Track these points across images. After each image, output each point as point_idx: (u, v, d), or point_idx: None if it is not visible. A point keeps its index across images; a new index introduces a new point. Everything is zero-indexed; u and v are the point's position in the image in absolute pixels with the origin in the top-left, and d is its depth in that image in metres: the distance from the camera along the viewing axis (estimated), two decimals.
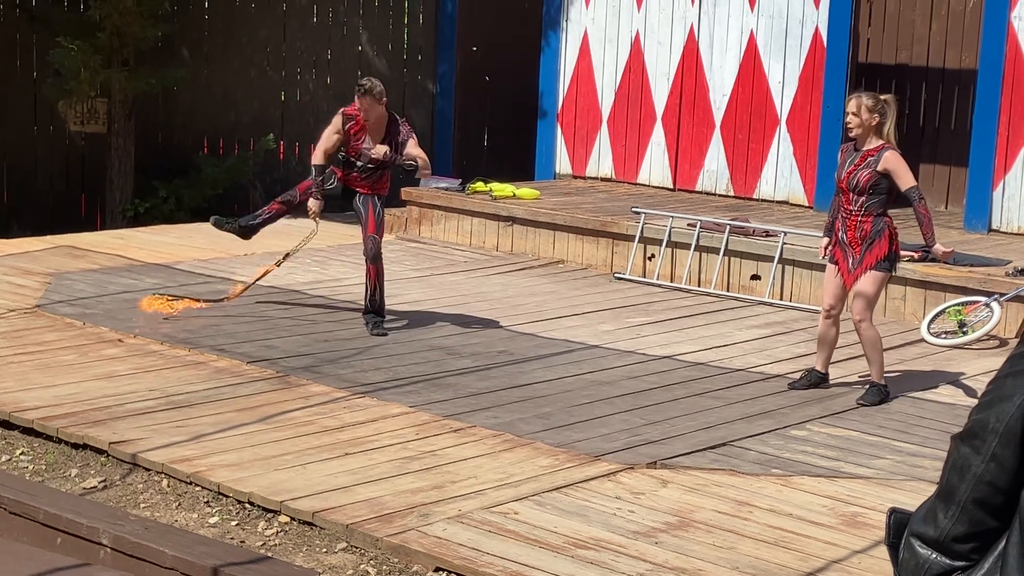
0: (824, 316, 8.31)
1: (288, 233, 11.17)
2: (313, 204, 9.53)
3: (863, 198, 7.98)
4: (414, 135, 9.63)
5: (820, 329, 8.42)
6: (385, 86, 16.94)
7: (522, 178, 14.75)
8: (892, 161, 7.95)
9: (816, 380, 8.48)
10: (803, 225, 11.86)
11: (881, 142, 8.00)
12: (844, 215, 8.08)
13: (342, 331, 9.55)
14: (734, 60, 13.62)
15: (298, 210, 9.77)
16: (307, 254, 11.38)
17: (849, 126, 8.06)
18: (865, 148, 8.02)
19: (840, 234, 8.11)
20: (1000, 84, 12.06)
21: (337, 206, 10.03)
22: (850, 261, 8.06)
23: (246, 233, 10.00)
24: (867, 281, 8.01)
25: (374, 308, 9.59)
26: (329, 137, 9.52)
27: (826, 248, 8.34)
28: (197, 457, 6.76)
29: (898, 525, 2.40)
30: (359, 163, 9.47)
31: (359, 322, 9.69)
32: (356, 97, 9.33)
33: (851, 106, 8.04)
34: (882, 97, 8.06)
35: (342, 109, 9.59)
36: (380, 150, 9.33)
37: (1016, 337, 9.79)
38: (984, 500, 2.26)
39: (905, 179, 7.96)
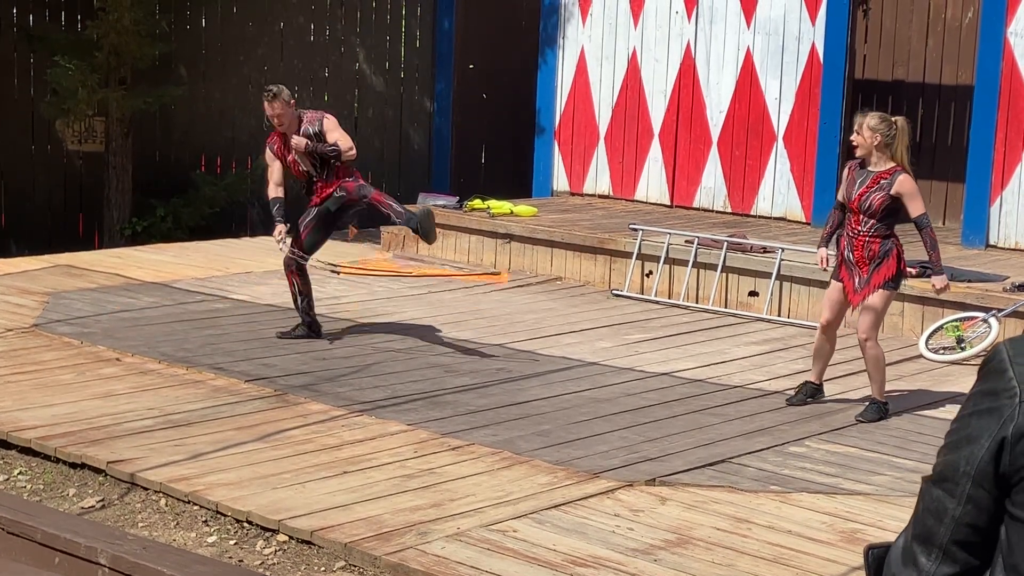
0: (820, 331, 8.31)
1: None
2: (280, 227, 9.42)
3: (873, 220, 7.96)
4: (328, 117, 9.57)
5: (816, 343, 8.41)
6: (383, 104, 17.02)
7: (520, 195, 14.76)
8: (906, 185, 7.92)
9: (811, 392, 8.48)
10: (800, 241, 11.87)
11: (893, 164, 7.97)
12: (851, 234, 8.04)
13: (340, 349, 9.54)
14: (731, 77, 13.64)
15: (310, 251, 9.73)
16: None
17: (854, 144, 8.07)
18: (877, 169, 7.98)
19: (846, 253, 8.08)
20: (996, 100, 12.08)
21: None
22: (856, 280, 8.04)
23: (315, 328, 9.82)
24: (874, 300, 7.99)
25: (404, 217, 9.48)
26: (272, 170, 9.60)
27: (825, 259, 8.35)
28: (195, 476, 6.75)
29: (877, 562, 2.39)
30: (304, 169, 9.46)
31: (357, 340, 9.69)
32: (265, 103, 9.39)
33: (856, 124, 8.06)
34: (893, 119, 8.04)
35: (267, 141, 9.68)
36: (298, 141, 9.33)
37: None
38: (965, 541, 2.25)
39: (916, 205, 7.94)
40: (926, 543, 2.28)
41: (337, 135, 9.43)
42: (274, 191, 9.54)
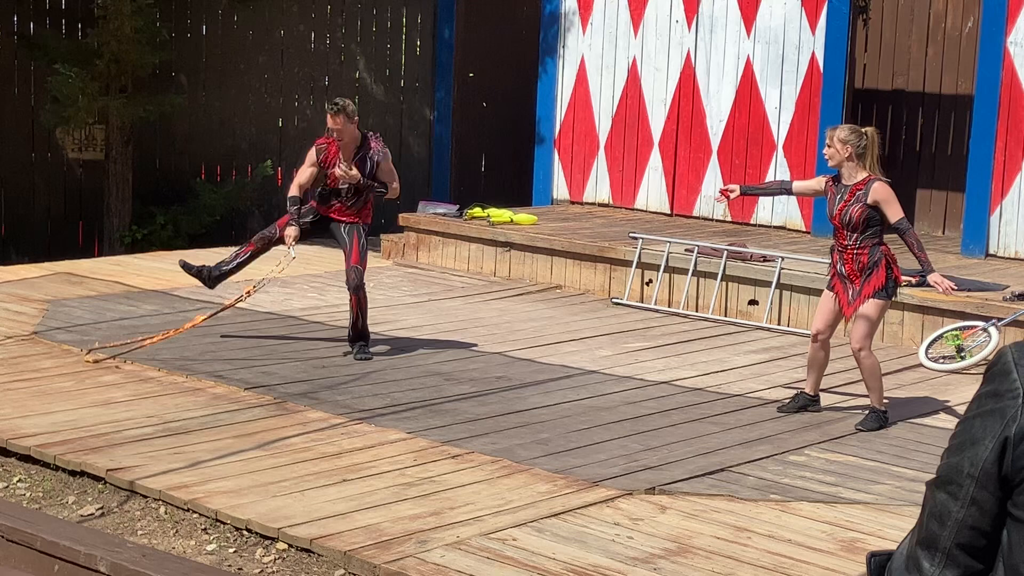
0: (812, 340, 8.32)
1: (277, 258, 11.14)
2: (291, 231, 9.44)
3: (857, 233, 7.97)
4: (388, 153, 9.57)
5: (810, 353, 8.42)
6: (383, 112, 17.00)
7: (520, 204, 14.77)
8: (881, 192, 7.95)
9: (805, 403, 8.48)
10: (800, 250, 11.87)
11: (867, 174, 8.01)
12: (840, 249, 8.08)
13: (339, 357, 9.54)
14: (731, 86, 13.65)
15: (280, 244, 9.70)
16: (305, 280, 11.37)
17: (826, 157, 8.10)
18: (852, 182, 8.02)
19: (839, 267, 8.10)
20: (996, 110, 12.09)
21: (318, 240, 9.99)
22: (850, 293, 8.05)
23: (212, 283, 9.90)
24: (867, 309, 7.99)
25: (358, 335, 9.58)
26: (304, 171, 9.54)
27: (726, 192, 8.50)
28: (195, 484, 6.75)
29: (879, 568, 2.39)
30: (342, 187, 9.43)
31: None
32: (329, 116, 9.30)
33: (827, 138, 8.09)
34: (863, 129, 8.08)
35: (316, 141, 9.60)
36: (354, 175, 9.30)
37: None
38: (968, 544, 2.25)
39: (893, 211, 7.95)
40: (929, 547, 2.28)
41: (389, 176, 9.48)
42: (296, 190, 9.50)
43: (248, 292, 9.78)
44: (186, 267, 9.93)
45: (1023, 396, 2.21)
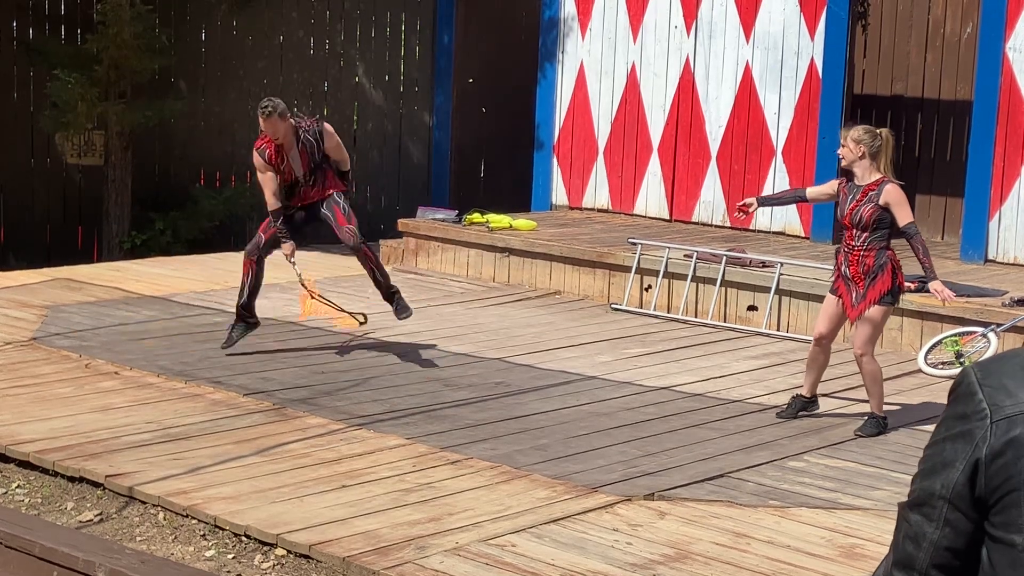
0: (814, 343, 8.32)
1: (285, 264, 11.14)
2: (287, 247, 9.39)
3: (866, 233, 7.97)
4: (328, 128, 9.49)
5: (810, 354, 8.42)
6: (382, 117, 17.01)
7: (519, 209, 14.76)
8: (893, 194, 7.95)
9: (802, 405, 8.48)
10: (800, 256, 11.87)
11: (880, 175, 8.01)
12: (847, 250, 8.07)
13: (338, 363, 9.54)
14: (730, 91, 13.65)
15: (272, 247, 9.61)
16: None
17: (840, 156, 8.13)
18: (865, 183, 8.02)
19: (843, 268, 8.10)
20: (995, 115, 12.09)
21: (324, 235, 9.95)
22: (853, 295, 8.04)
23: (250, 318, 9.75)
24: (870, 315, 7.99)
25: (387, 292, 9.54)
26: (267, 180, 9.35)
27: (746, 205, 8.53)
28: (194, 490, 6.74)
29: None
30: (298, 176, 9.39)
31: (356, 354, 9.69)
32: (261, 120, 9.17)
33: (840, 138, 8.11)
34: (877, 130, 8.09)
35: (254, 146, 9.43)
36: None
37: None
38: (944, 564, 2.26)
39: (903, 214, 7.96)
40: (907, 569, 2.29)
41: (338, 152, 9.48)
42: (274, 202, 9.38)
43: (309, 292, 9.79)
44: (228, 345, 9.74)
45: (990, 417, 2.21)
